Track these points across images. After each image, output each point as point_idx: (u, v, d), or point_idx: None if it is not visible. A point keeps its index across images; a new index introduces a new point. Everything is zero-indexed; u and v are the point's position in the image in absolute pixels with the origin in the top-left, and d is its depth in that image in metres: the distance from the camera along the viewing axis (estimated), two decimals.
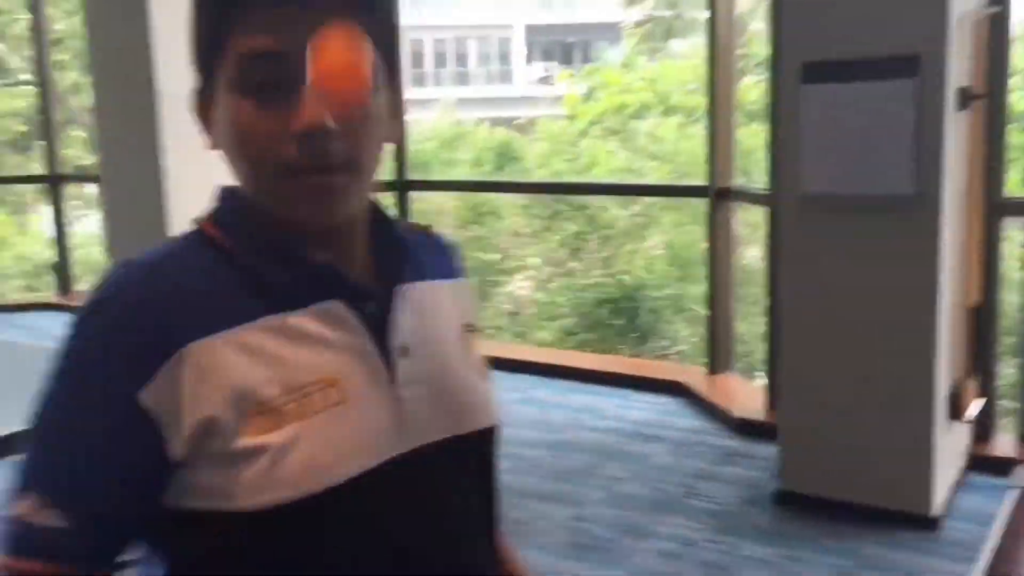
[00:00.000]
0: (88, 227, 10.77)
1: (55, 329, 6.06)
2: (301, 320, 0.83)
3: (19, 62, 10.59)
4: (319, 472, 0.81)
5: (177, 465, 0.81)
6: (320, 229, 0.84)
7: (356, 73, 0.78)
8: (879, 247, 3.09)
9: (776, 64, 3.67)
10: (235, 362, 0.80)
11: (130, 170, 4.90)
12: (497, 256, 10.40)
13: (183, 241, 0.87)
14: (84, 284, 8.81)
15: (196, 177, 4.78)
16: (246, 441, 0.80)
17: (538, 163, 12.09)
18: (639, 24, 16.57)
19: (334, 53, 0.77)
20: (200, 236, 0.88)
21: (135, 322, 0.80)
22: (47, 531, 0.79)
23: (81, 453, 0.80)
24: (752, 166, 6.48)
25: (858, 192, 3.10)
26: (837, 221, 3.15)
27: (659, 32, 16.20)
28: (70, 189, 9.94)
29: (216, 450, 0.80)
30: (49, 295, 7.56)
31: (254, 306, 0.82)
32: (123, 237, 5.06)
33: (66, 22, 10.40)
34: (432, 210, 9.94)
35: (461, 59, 25.11)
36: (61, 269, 6.96)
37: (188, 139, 5.03)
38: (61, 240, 6.90)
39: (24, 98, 11.17)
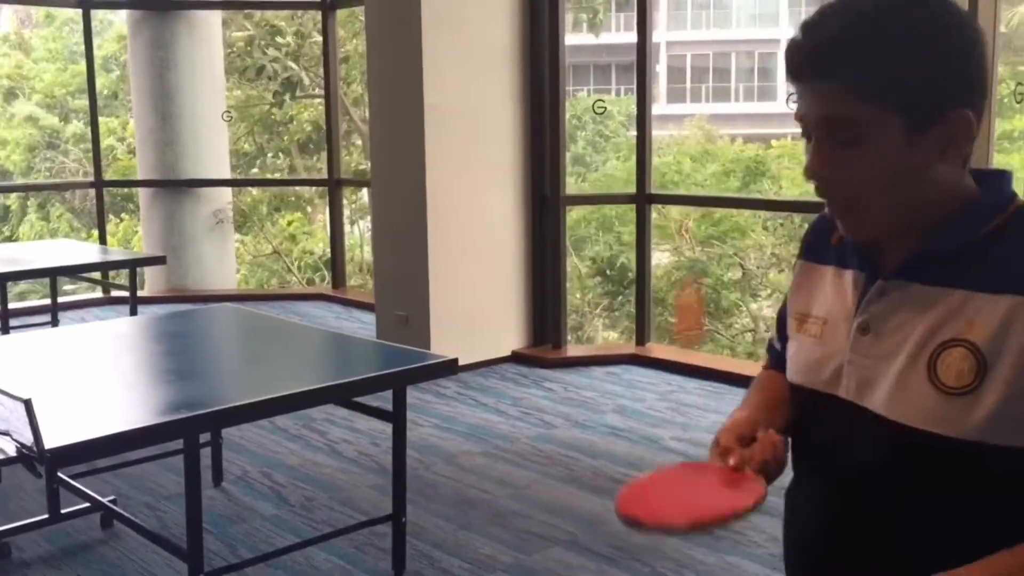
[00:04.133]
0: (364, 227, 11.76)
1: (326, 318, 6.75)
2: (839, 274, 1.20)
3: (311, 78, 11.73)
4: (793, 371, 1.24)
5: None
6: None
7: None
8: None
9: None
10: (803, 282, 1.26)
11: (396, 176, 5.41)
12: (739, 275, 10.30)
13: None
14: (354, 281, 9.60)
15: (451, 185, 5.23)
16: (789, 331, 1.27)
17: (791, 181, 11.83)
18: None
19: None
20: None
21: (804, 234, 1.31)
22: (774, 348, 1.38)
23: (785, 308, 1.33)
24: None
25: None
26: None
27: None
28: (350, 192, 10.93)
29: (788, 332, 1.28)
30: (324, 288, 8.40)
31: (833, 255, 1.22)
32: (386, 237, 5.59)
33: (352, 43, 11.44)
34: (672, 225, 10.01)
35: (722, 74, 24.85)
36: (335, 265, 7.72)
37: (446, 149, 5.50)
38: (336, 238, 7.65)
39: (315, 109, 12.38)
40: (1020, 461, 1.03)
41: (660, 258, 10.76)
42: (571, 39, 14.75)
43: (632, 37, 5.38)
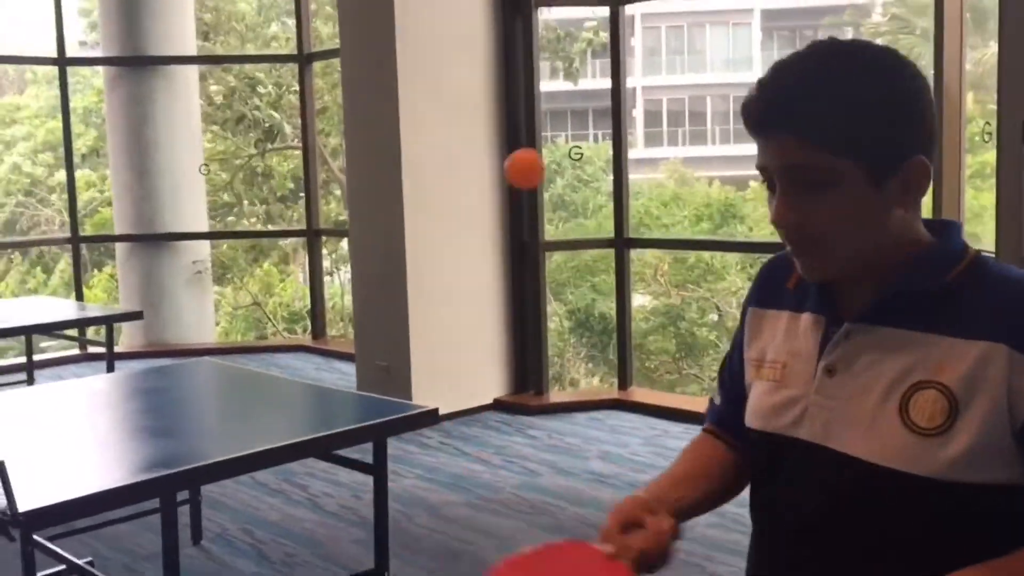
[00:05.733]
0: (345, 277, 11.74)
1: (307, 369, 6.69)
2: (794, 318, 1.22)
3: (292, 128, 11.79)
4: (752, 417, 1.23)
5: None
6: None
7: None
8: None
9: (999, 123, 3.57)
10: (757, 328, 1.27)
11: (374, 225, 5.41)
12: (715, 316, 10.32)
13: None
14: (335, 330, 9.50)
15: (430, 234, 5.23)
16: (745, 377, 1.27)
17: (759, 223, 11.94)
18: None
19: None
20: None
21: (753, 281, 1.32)
22: (714, 405, 1.37)
23: (732, 359, 1.35)
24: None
25: None
26: None
27: None
28: (331, 242, 10.92)
29: (746, 379, 1.27)
30: (305, 339, 8.35)
31: (788, 300, 1.23)
32: (366, 287, 5.57)
33: (331, 94, 11.52)
34: (647, 269, 10.06)
35: (698, 118, 25.15)
36: (315, 316, 7.68)
37: (424, 197, 5.49)
38: (316, 289, 7.62)
39: (295, 160, 12.42)
40: (984, 496, 1.06)
41: (639, 301, 10.78)
42: (548, 85, 14.90)
43: (608, 83, 5.44)
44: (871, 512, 1.10)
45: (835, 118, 1.06)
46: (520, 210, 5.54)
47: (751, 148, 1.15)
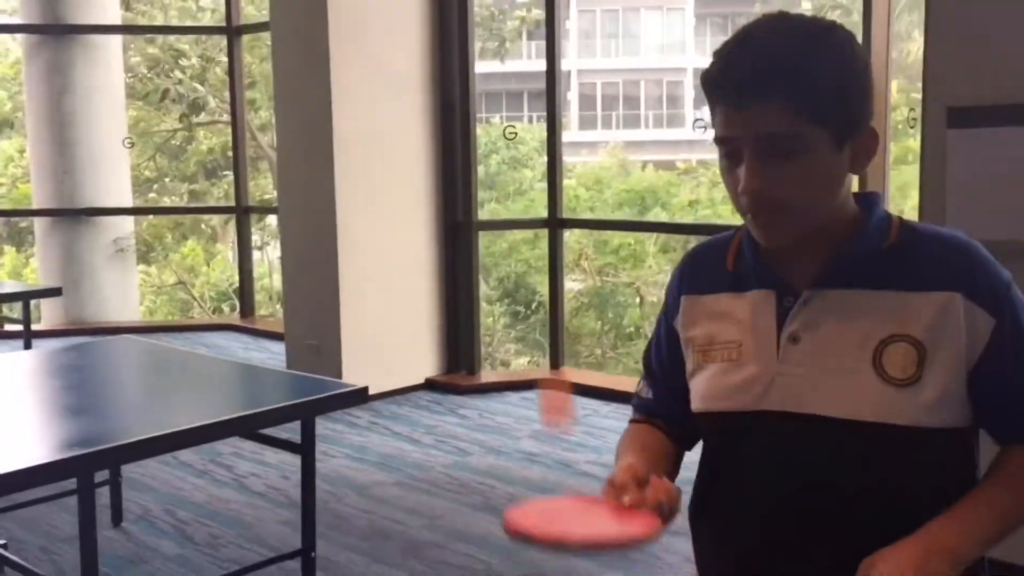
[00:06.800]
0: (273, 255, 11.55)
1: (234, 348, 6.55)
2: (737, 298, 1.23)
3: (217, 103, 11.51)
4: (706, 400, 1.24)
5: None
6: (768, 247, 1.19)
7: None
8: None
9: (924, 109, 3.64)
10: (694, 314, 1.27)
11: (305, 202, 5.32)
12: (638, 300, 10.43)
13: (736, 231, 1.27)
14: (264, 310, 9.30)
15: (362, 212, 5.16)
16: (688, 365, 1.28)
17: (687, 205, 12.05)
18: None
19: None
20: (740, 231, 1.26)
21: (676, 271, 1.34)
22: (642, 399, 1.41)
23: (659, 351, 1.36)
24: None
25: (1005, 238, 3.04)
26: None
27: None
28: (257, 218, 10.72)
29: (689, 366, 1.28)
30: (233, 318, 8.19)
31: (724, 283, 1.25)
32: (296, 265, 5.48)
33: (259, 68, 11.27)
34: (571, 254, 10.13)
35: (632, 102, 25.29)
36: (243, 294, 7.54)
37: (356, 175, 5.41)
38: (244, 267, 7.48)
39: (220, 134, 12.13)
40: (952, 440, 1.15)
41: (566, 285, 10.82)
42: (483, 67, 14.83)
43: (542, 65, 5.42)
44: (852, 468, 1.14)
45: (817, 88, 1.09)
46: (453, 189, 5.50)
47: (682, 133, 1.15)
